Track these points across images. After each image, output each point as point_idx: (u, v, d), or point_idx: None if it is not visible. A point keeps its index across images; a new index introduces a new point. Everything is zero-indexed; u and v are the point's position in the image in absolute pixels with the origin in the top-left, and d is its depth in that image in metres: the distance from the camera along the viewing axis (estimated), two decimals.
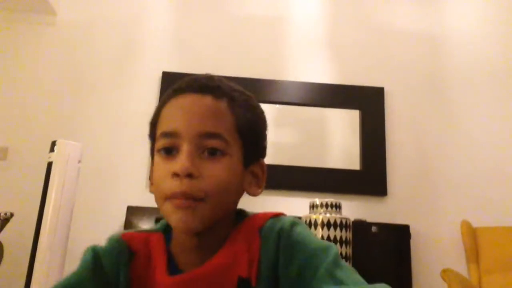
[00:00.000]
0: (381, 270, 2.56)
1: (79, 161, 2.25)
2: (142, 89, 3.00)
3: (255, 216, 0.71)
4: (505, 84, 3.11)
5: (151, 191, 0.72)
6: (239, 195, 0.71)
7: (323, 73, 3.04)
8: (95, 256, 0.73)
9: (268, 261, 0.65)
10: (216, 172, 0.64)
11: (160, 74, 3.00)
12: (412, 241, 2.64)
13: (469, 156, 2.94)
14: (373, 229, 2.58)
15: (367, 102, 2.97)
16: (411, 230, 2.66)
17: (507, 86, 3.10)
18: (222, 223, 0.68)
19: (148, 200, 2.87)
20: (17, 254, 2.48)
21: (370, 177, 2.85)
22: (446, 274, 2.16)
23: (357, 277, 0.64)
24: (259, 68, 2.97)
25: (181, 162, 0.63)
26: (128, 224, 2.61)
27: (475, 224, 2.72)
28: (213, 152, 0.65)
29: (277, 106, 2.92)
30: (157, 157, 0.68)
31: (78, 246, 2.88)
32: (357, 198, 2.78)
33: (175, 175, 0.63)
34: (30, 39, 3.08)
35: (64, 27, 3.11)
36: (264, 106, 0.85)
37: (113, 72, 3.03)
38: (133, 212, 2.64)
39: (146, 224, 2.63)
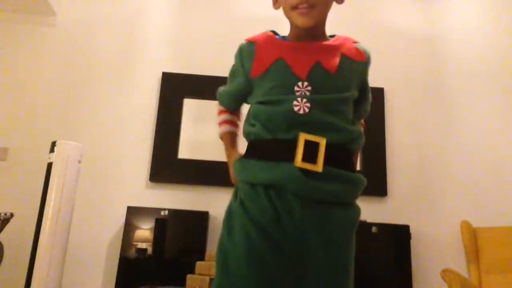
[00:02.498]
0: (381, 270, 2.56)
1: (79, 161, 2.25)
2: (142, 89, 3.00)
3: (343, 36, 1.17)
4: (504, 84, 3.11)
5: (275, 8, 1.14)
6: (331, 4, 1.12)
7: None
8: (238, 55, 1.12)
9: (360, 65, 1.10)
10: None
11: (160, 74, 3.01)
12: (412, 241, 2.64)
13: (469, 156, 2.94)
14: (373, 229, 2.58)
15: None
16: (411, 230, 2.66)
17: (507, 86, 3.10)
18: (322, 26, 1.11)
19: (148, 200, 2.89)
20: (17, 254, 2.48)
21: (370, 177, 2.82)
22: (446, 274, 2.16)
23: None
24: None
25: None
26: (128, 224, 2.62)
27: (475, 224, 2.72)
28: None
29: None
30: None
31: (78, 246, 2.91)
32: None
33: None
34: (30, 40, 3.08)
35: (64, 27, 3.11)
36: None
37: (113, 72, 3.03)
38: (133, 212, 2.64)
39: (146, 224, 2.64)
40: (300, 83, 0.99)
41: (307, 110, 0.96)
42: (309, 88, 0.99)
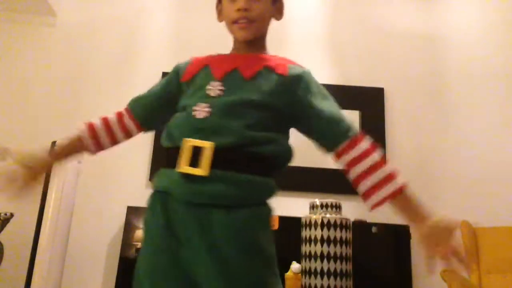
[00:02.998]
0: (381, 270, 2.56)
1: (79, 162, 2.25)
2: (142, 90, 2.99)
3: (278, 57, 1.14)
4: (504, 84, 3.11)
5: (219, 21, 1.19)
6: (269, 20, 1.15)
7: (323, 73, 3.04)
8: (175, 67, 1.22)
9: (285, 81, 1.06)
10: (260, 7, 1.09)
11: (160, 74, 3.01)
12: (412, 241, 2.64)
13: (469, 156, 2.94)
14: (373, 229, 2.58)
15: (367, 103, 2.97)
16: (411, 231, 2.65)
17: (507, 86, 3.10)
18: (261, 40, 1.15)
19: None
20: (17, 254, 2.48)
21: None
22: (446, 274, 2.16)
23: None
24: None
25: (242, 2, 1.08)
26: (128, 224, 2.62)
27: (475, 224, 2.72)
28: None
29: None
30: (225, 2, 1.13)
31: (78, 246, 2.91)
32: (357, 198, 2.74)
33: (239, 9, 1.08)
34: (30, 40, 3.08)
35: (64, 28, 3.11)
36: None
37: (113, 72, 3.03)
38: (133, 212, 2.64)
39: None
40: (213, 82, 1.04)
41: (206, 114, 0.99)
42: (221, 87, 1.03)
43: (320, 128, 1.04)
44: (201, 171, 0.93)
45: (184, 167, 0.94)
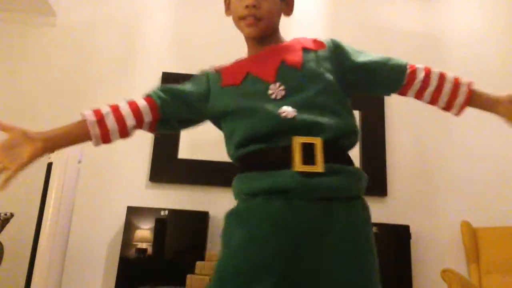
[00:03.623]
0: (381, 270, 2.55)
1: (79, 161, 2.25)
2: (142, 90, 2.97)
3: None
4: (504, 84, 3.11)
5: (227, 15, 1.17)
6: (278, 16, 1.13)
7: None
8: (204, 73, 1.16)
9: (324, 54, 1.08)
10: (268, 4, 1.07)
11: (160, 74, 3.01)
12: (412, 241, 2.64)
13: (469, 157, 2.94)
14: (373, 229, 2.58)
15: (367, 102, 2.97)
16: (411, 230, 2.66)
17: (507, 86, 3.09)
18: (274, 34, 1.12)
19: (148, 200, 2.89)
20: (17, 254, 2.48)
21: (370, 177, 2.83)
22: (446, 274, 2.16)
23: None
24: None
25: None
26: (128, 224, 2.62)
27: (475, 224, 2.72)
28: None
29: None
30: None
31: (78, 246, 2.90)
32: None
33: (247, 6, 1.05)
34: (30, 40, 3.08)
35: (64, 28, 3.11)
36: None
37: (113, 72, 3.03)
38: (133, 212, 2.64)
39: (146, 224, 2.64)
40: (272, 86, 1.00)
41: (294, 114, 0.96)
42: (282, 87, 1.00)
43: (377, 80, 1.12)
44: (318, 167, 0.92)
45: (300, 165, 0.92)
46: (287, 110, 0.96)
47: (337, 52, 1.11)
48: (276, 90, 1.00)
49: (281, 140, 0.95)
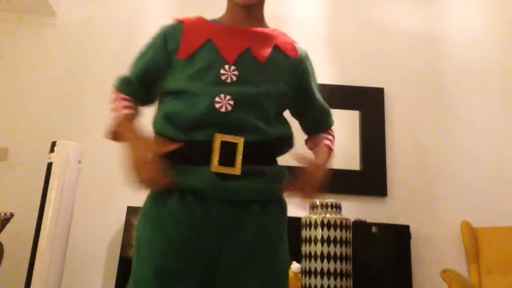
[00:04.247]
0: (381, 270, 2.56)
1: (79, 162, 2.25)
2: None
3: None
4: (504, 84, 3.11)
5: None
6: None
7: (323, 73, 3.03)
8: (162, 32, 1.07)
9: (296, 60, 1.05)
10: None
11: None
12: (412, 242, 2.64)
13: (469, 156, 2.94)
14: (373, 229, 2.58)
15: (367, 103, 2.97)
16: (411, 231, 2.66)
17: (507, 86, 3.10)
18: (260, 8, 1.07)
19: None
20: (17, 254, 2.48)
21: (370, 177, 2.85)
22: (446, 274, 2.16)
23: None
24: None
25: None
26: (128, 224, 2.61)
27: (475, 224, 2.72)
28: None
29: None
30: None
31: (78, 246, 2.90)
32: (357, 199, 2.78)
33: None
34: (30, 40, 3.08)
35: (64, 28, 3.11)
36: None
37: (113, 72, 3.01)
38: (133, 212, 2.64)
39: None
40: (227, 66, 0.96)
41: (229, 108, 0.92)
42: (236, 73, 0.96)
43: (313, 117, 1.12)
44: (235, 170, 0.91)
45: (217, 166, 0.90)
46: (223, 102, 0.92)
47: (303, 68, 1.08)
48: (229, 72, 0.96)
49: (204, 134, 0.92)
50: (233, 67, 0.96)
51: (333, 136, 1.14)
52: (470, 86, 3.09)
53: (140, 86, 1.07)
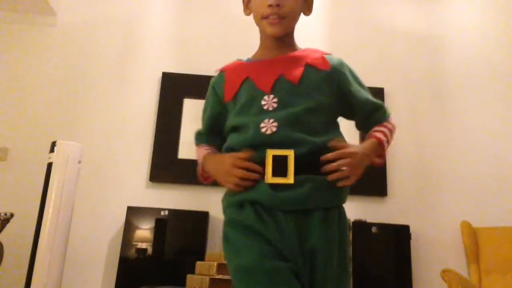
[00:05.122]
0: (381, 270, 2.56)
1: (79, 162, 2.25)
2: (142, 90, 3.00)
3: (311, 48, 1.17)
4: (504, 84, 3.11)
5: (246, 15, 1.19)
6: (299, 16, 1.14)
7: None
8: (211, 86, 1.19)
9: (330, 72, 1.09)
10: (291, 3, 1.08)
11: (160, 75, 3.01)
12: (412, 241, 2.64)
13: (469, 157, 2.94)
14: (373, 229, 2.58)
15: None
16: (411, 231, 2.66)
17: (507, 86, 3.10)
18: (291, 35, 1.14)
19: (148, 200, 2.89)
20: (17, 254, 2.48)
21: (370, 177, 2.83)
22: (446, 274, 2.16)
23: None
24: None
25: None
26: (128, 224, 2.62)
27: (475, 224, 2.72)
28: None
29: None
30: None
31: (78, 246, 2.90)
32: (357, 198, 2.78)
33: (270, 5, 1.06)
34: (30, 40, 3.08)
35: (64, 28, 3.11)
36: None
37: (113, 72, 3.03)
38: (133, 212, 2.64)
39: (146, 224, 2.64)
40: (266, 97, 1.04)
41: (274, 129, 1.00)
42: (275, 100, 1.03)
43: (362, 115, 1.16)
44: (289, 179, 0.96)
45: (272, 177, 0.97)
46: (267, 125, 1.00)
47: (340, 76, 1.11)
48: (269, 101, 1.03)
49: (256, 155, 0.99)
50: (271, 96, 1.04)
51: (390, 128, 1.16)
52: (470, 86, 3.09)
53: (212, 135, 1.18)
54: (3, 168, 2.80)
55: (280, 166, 0.97)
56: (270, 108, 1.02)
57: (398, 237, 2.65)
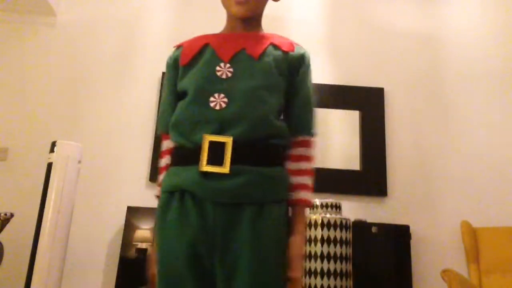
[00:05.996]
0: (381, 270, 2.56)
1: (79, 162, 2.25)
2: (142, 90, 3.00)
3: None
4: (504, 84, 3.11)
5: None
6: (267, 1, 1.11)
7: (323, 73, 3.05)
8: (167, 61, 1.13)
9: (289, 59, 1.05)
10: None
11: (160, 75, 3.01)
12: (412, 241, 2.64)
13: (469, 156, 2.94)
14: (373, 229, 2.58)
15: (367, 103, 2.97)
16: (411, 231, 2.66)
17: (506, 86, 3.10)
18: (258, 19, 1.12)
19: (148, 200, 2.89)
20: (17, 254, 2.48)
21: (370, 177, 2.85)
22: (446, 274, 2.16)
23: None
24: None
25: None
26: (128, 224, 2.62)
27: (475, 224, 2.72)
28: None
29: None
30: None
31: (78, 246, 2.90)
32: (357, 199, 2.79)
33: None
34: (30, 40, 3.08)
35: (64, 28, 3.11)
36: None
37: (113, 72, 3.03)
38: (133, 212, 2.64)
39: (146, 224, 2.63)
40: (222, 64, 1.00)
41: (224, 105, 0.95)
42: (231, 69, 0.99)
43: (295, 112, 1.05)
44: (224, 168, 0.90)
45: (206, 165, 0.91)
46: (217, 100, 0.96)
47: (298, 64, 1.06)
48: (224, 69, 1.00)
49: (199, 135, 0.94)
50: (228, 65, 1.00)
51: (309, 158, 1.05)
52: (470, 86, 3.10)
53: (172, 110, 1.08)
54: (3, 168, 2.80)
55: (216, 154, 0.91)
56: (224, 76, 0.98)
57: (398, 237, 2.65)
